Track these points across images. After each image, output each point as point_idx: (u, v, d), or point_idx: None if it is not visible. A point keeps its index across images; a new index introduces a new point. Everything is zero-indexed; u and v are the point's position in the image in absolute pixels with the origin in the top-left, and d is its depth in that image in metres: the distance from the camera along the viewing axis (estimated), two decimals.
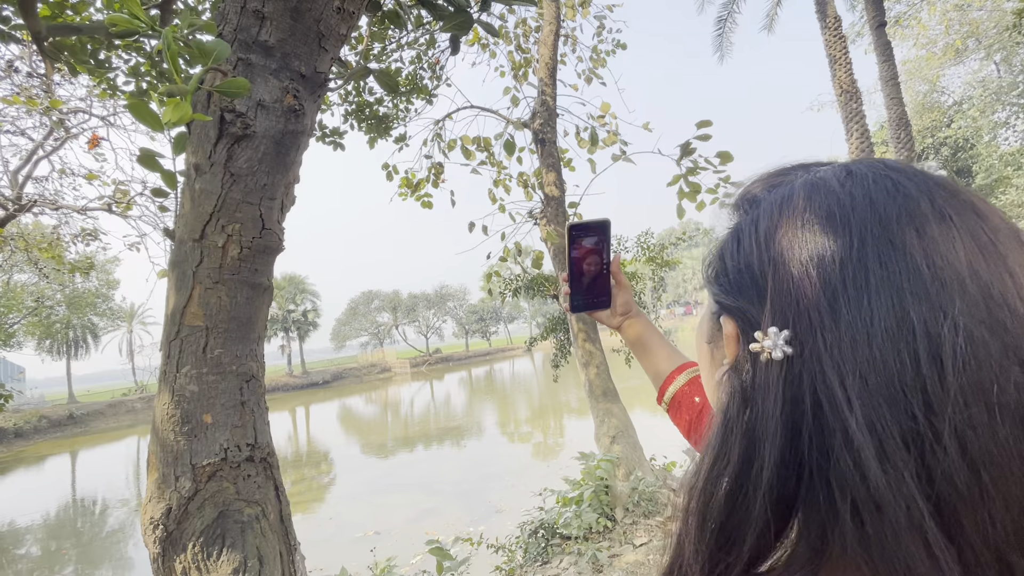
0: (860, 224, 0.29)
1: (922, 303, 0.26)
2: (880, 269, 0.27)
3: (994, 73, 15.26)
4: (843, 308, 0.27)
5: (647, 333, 0.88)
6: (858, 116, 7.82)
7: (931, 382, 0.25)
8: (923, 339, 0.25)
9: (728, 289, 0.35)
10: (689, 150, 4.44)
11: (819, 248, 0.29)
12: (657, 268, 7.58)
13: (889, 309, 0.26)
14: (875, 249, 0.27)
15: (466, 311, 59.53)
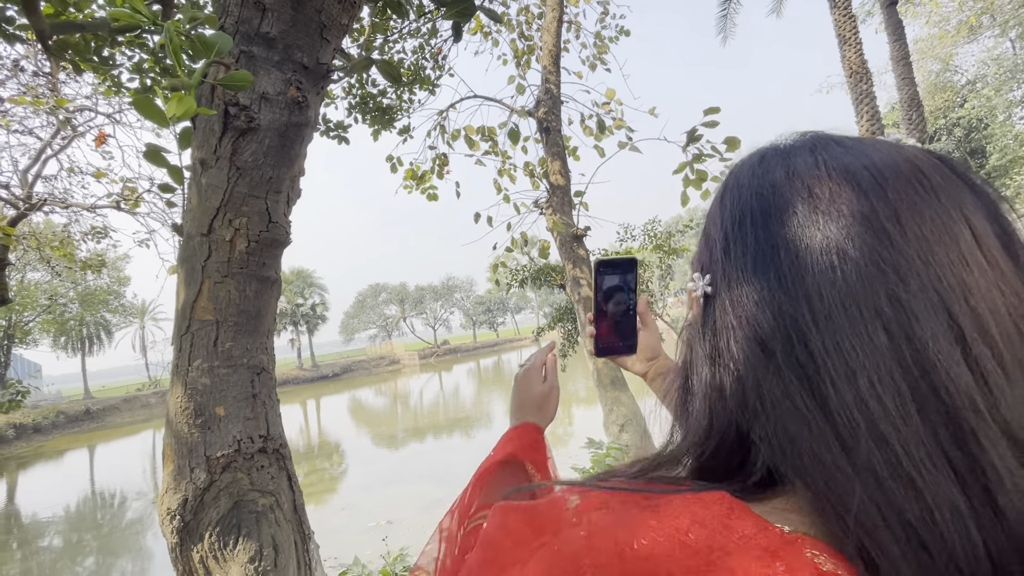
0: (743, 204, 0.37)
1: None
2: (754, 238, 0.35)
3: (1009, 50, 14.89)
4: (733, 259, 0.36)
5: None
6: (868, 97, 7.68)
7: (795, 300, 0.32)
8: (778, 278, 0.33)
9: (701, 257, 0.44)
10: (696, 137, 4.38)
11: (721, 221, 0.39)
12: (664, 256, 7.54)
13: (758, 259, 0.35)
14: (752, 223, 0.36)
15: (473, 302, 59.72)
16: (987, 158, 17.18)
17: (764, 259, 0.34)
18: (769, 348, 0.32)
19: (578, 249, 5.64)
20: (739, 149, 4.39)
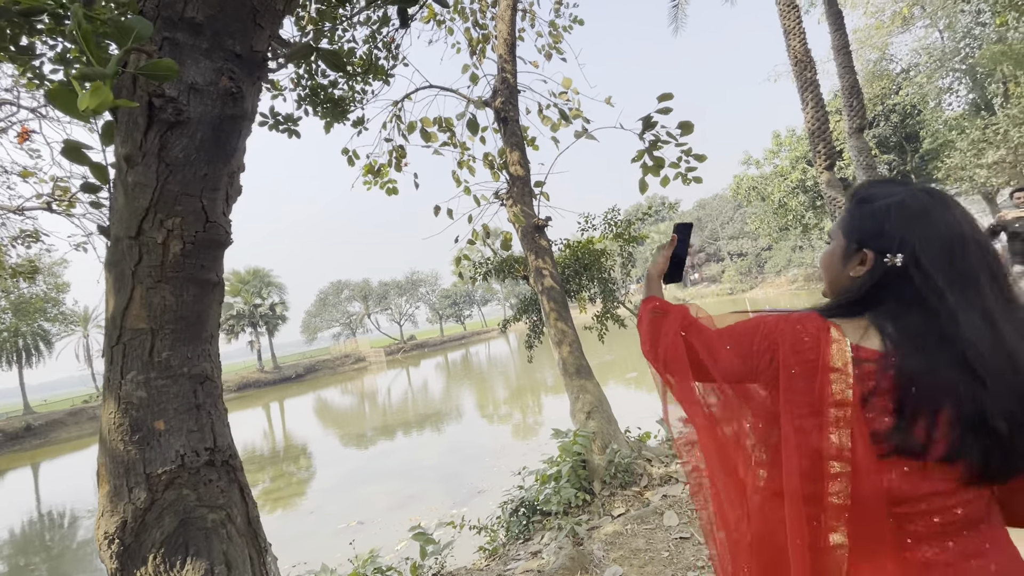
0: (926, 214, 0.81)
1: (939, 248, 0.79)
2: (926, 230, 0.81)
3: (938, 40, 15.80)
4: (926, 245, 0.80)
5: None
6: (812, 85, 7.98)
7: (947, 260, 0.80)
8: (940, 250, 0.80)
9: (871, 239, 0.84)
10: (651, 123, 4.44)
11: (914, 222, 0.81)
12: (625, 244, 7.65)
13: (931, 247, 0.79)
14: (925, 225, 0.81)
15: (439, 296, 59.20)
16: (921, 143, 18.25)
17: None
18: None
19: (540, 240, 5.65)
20: (692, 133, 4.49)
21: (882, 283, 0.82)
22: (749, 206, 28.61)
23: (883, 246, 0.82)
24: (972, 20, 13.16)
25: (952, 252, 0.79)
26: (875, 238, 0.84)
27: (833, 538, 0.80)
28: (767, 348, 0.86)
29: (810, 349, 0.81)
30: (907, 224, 0.82)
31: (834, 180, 7.94)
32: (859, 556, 0.79)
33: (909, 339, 0.77)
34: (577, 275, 7.72)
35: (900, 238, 0.81)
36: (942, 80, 17.02)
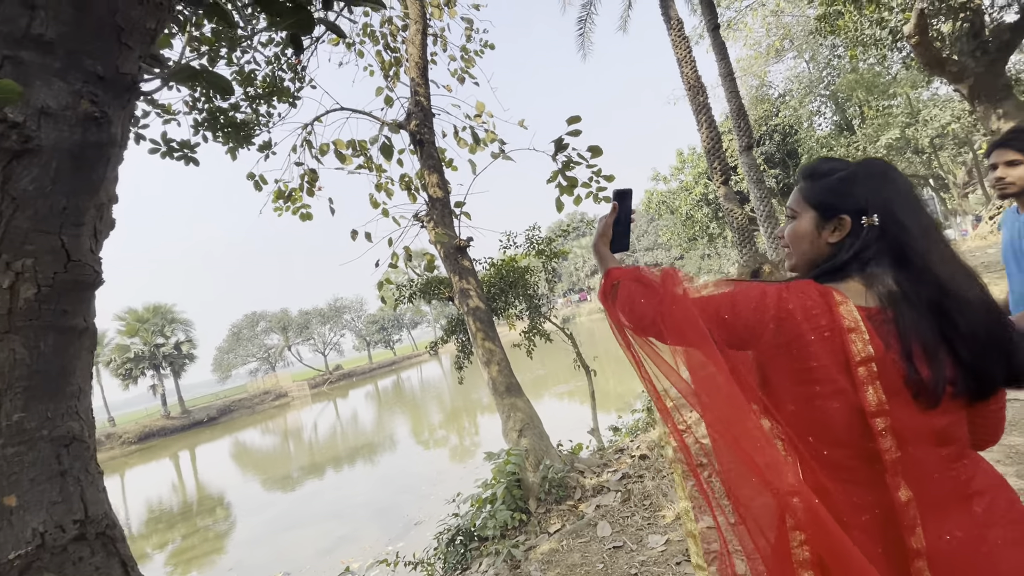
0: (886, 176, 0.91)
1: (904, 202, 0.90)
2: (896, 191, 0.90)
3: (806, 70, 18.04)
4: (896, 204, 0.89)
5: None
6: (705, 108, 8.73)
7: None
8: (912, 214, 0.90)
9: (845, 204, 0.91)
10: (562, 146, 4.62)
11: (878, 184, 0.90)
12: (547, 260, 7.83)
13: (899, 203, 0.89)
14: (889, 186, 0.90)
15: (365, 322, 57.09)
16: (799, 158, 20.63)
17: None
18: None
19: (462, 260, 5.63)
20: (602, 156, 4.73)
21: (864, 243, 0.88)
22: (660, 219, 30.55)
23: (858, 208, 0.89)
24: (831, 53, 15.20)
25: (915, 206, 0.89)
26: (848, 203, 0.90)
27: (901, 495, 0.81)
28: (772, 317, 0.85)
29: (822, 314, 0.83)
30: (875, 186, 0.89)
31: (730, 193, 8.70)
32: (925, 507, 0.82)
33: (901, 292, 0.84)
34: (503, 293, 7.78)
35: (872, 199, 0.88)
36: (812, 104, 19.41)
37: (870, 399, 0.82)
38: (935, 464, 0.83)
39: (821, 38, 10.65)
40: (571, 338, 7.93)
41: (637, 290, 0.99)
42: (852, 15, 6.58)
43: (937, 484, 0.83)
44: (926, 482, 0.83)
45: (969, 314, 0.83)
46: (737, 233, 8.73)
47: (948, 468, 0.84)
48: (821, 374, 0.85)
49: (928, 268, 0.85)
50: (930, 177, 20.78)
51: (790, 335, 0.85)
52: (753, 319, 0.87)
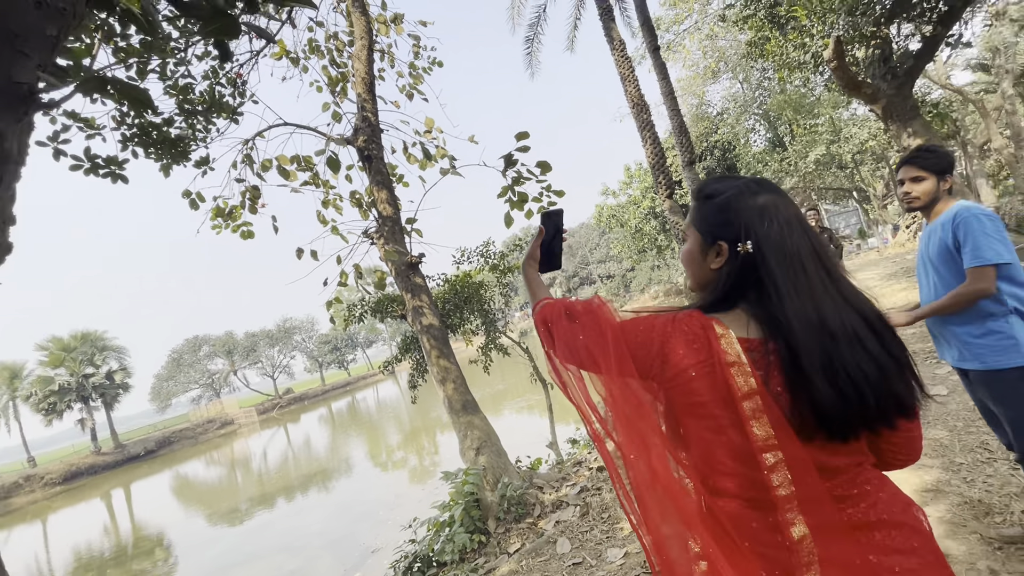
0: (760, 202, 0.87)
1: (774, 223, 0.86)
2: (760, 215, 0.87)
3: (740, 90, 19.19)
4: (763, 230, 0.85)
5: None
6: (649, 126, 9.09)
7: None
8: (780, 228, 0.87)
9: (722, 230, 0.88)
10: (512, 161, 4.67)
11: (752, 210, 0.87)
12: (501, 275, 7.84)
13: (775, 230, 0.85)
14: (760, 212, 0.86)
15: (317, 342, 55.15)
16: (739, 171, 21.81)
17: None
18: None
19: (415, 277, 5.55)
20: (551, 171, 4.80)
21: (742, 271, 0.86)
22: (611, 232, 31.39)
23: (734, 235, 0.87)
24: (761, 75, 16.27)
25: (783, 233, 0.85)
26: (725, 229, 0.88)
27: (795, 531, 0.80)
28: (657, 352, 0.85)
29: (702, 348, 0.83)
30: (748, 212, 0.87)
31: (675, 207, 9.04)
32: (822, 542, 0.79)
33: (778, 322, 0.82)
34: (458, 309, 7.71)
35: (748, 226, 0.86)
36: (747, 122, 20.64)
37: (757, 434, 0.80)
38: (828, 498, 0.81)
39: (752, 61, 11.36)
40: (528, 352, 7.93)
41: (563, 322, 1.00)
42: (778, 40, 7.07)
43: (833, 517, 0.81)
44: (821, 516, 0.81)
45: (846, 347, 0.80)
46: (682, 245, 9.06)
47: (842, 500, 0.82)
48: (707, 410, 0.84)
49: (805, 298, 0.82)
50: (853, 190, 22.45)
51: (676, 369, 0.85)
52: (642, 353, 0.87)
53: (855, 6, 5.97)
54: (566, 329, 0.98)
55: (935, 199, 1.98)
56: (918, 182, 1.98)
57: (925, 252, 2.06)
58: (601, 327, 0.92)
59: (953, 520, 2.32)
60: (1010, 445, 1.99)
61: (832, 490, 0.82)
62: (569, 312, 1.00)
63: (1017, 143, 13.34)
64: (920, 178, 1.97)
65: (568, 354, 0.98)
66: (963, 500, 2.43)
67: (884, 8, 6.28)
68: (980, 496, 2.43)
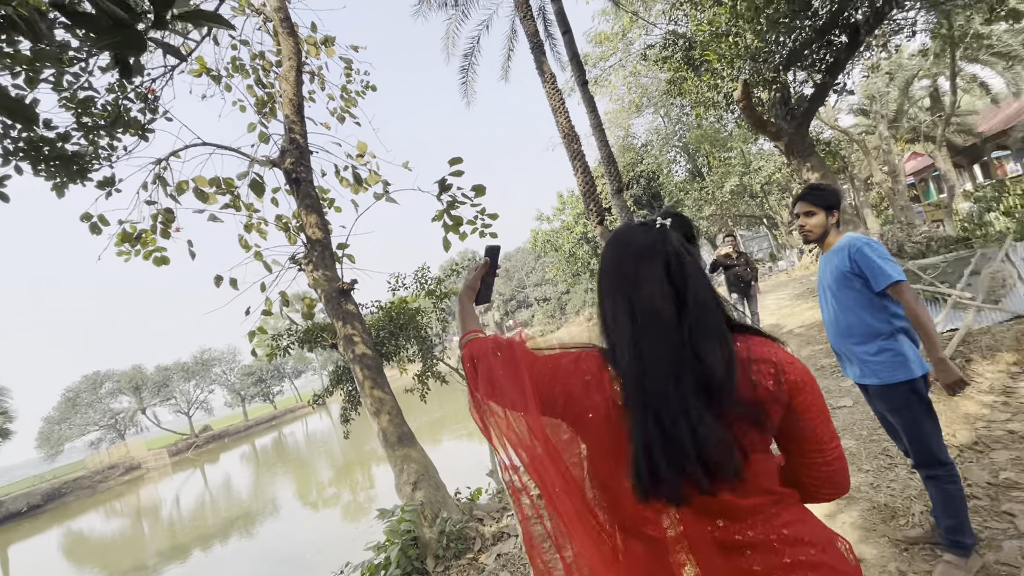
0: (609, 253, 0.92)
1: (611, 278, 0.90)
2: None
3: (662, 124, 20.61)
4: (603, 279, 0.91)
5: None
6: (579, 155, 9.47)
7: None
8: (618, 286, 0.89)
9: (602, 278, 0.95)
10: (446, 186, 4.67)
11: (605, 260, 0.93)
12: (438, 300, 7.73)
13: (606, 279, 0.91)
14: (608, 261, 0.92)
15: (239, 374, 51.33)
16: (663, 201, 23.20)
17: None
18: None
19: (346, 304, 5.33)
20: (485, 195, 4.84)
21: (601, 321, 0.89)
22: (546, 256, 32.12)
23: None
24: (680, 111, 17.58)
25: (621, 281, 0.87)
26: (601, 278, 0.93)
27: (686, 572, 0.80)
28: (561, 391, 0.86)
29: (596, 390, 0.83)
30: (604, 261, 0.92)
31: (606, 233, 9.41)
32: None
33: (623, 376, 0.83)
34: (393, 336, 7.48)
35: (601, 274, 0.92)
36: (669, 154, 22.14)
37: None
38: (715, 539, 0.80)
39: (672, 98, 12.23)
40: (465, 378, 7.81)
41: (489, 359, 0.98)
42: (694, 81, 7.68)
43: (720, 560, 0.79)
44: (710, 559, 0.80)
45: (668, 411, 0.77)
46: None
47: (748, 546, 0.80)
48: (605, 450, 0.84)
49: (633, 353, 0.81)
50: (764, 217, 24.54)
51: (576, 409, 0.85)
52: (547, 392, 0.88)
53: (757, 54, 6.62)
54: (490, 365, 0.97)
55: (826, 231, 2.18)
56: (810, 216, 2.19)
57: (824, 279, 2.25)
58: (517, 364, 0.92)
59: (864, 525, 2.49)
60: (907, 452, 2.18)
61: (739, 532, 0.80)
62: (496, 348, 0.99)
63: (893, 178, 15.25)
64: (812, 212, 2.18)
65: (489, 390, 0.96)
66: (872, 505, 2.63)
67: (782, 57, 7.01)
68: (886, 500, 2.64)
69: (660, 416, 0.77)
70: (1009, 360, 4.02)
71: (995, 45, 14.42)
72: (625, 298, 0.85)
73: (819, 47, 7.25)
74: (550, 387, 0.88)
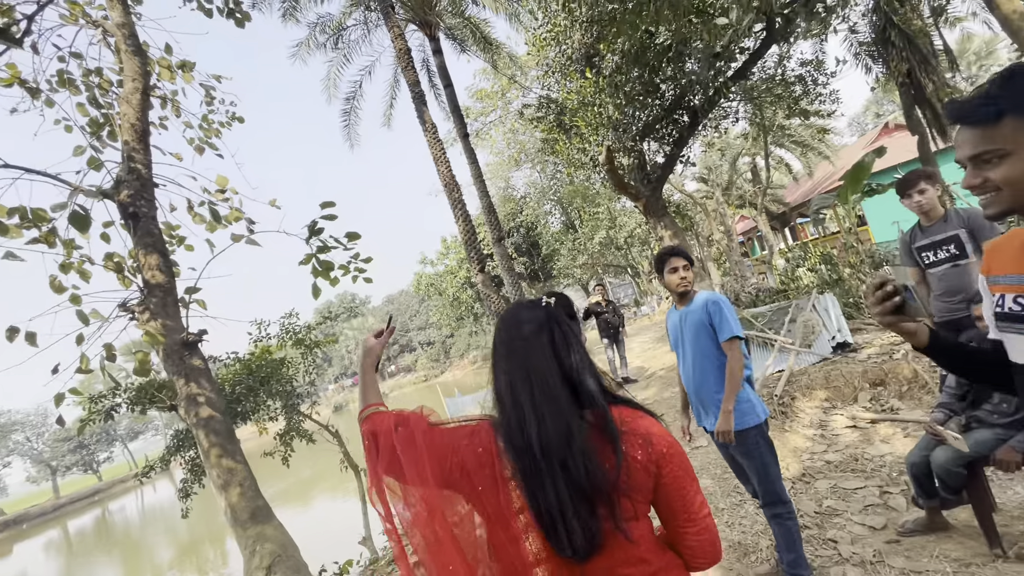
0: (501, 325, 1.03)
1: (502, 350, 0.99)
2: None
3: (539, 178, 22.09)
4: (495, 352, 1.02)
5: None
6: (460, 204, 9.65)
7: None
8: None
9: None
10: (317, 230, 4.38)
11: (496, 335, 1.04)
12: (308, 350, 7.10)
13: (498, 350, 1.01)
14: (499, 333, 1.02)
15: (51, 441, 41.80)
16: (541, 249, 24.53)
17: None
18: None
19: (191, 359, 4.60)
20: (360, 240, 4.63)
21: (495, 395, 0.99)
22: (430, 300, 31.76)
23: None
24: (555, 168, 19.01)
25: (510, 352, 0.98)
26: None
27: None
28: (457, 464, 0.92)
29: (486, 464, 0.89)
30: (496, 338, 1.02)
31: (487, 279, 9.57)
32: None
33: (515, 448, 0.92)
34: (252, 392, 6.64)
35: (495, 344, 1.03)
36: (545, 206, 23.64)
37: (529, 549, 0.85)
38: None
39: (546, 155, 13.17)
40: (337, 435, 7.16)
41: (391, 436, 1.00)
42: (564, 143, 8.36)
43: None
44: None
45: (553, 476, 0.83)
46: (495, 316, 9.58)
47: None
48: (494, 521, 0.88)
49: (523, 425, 0.88)
50: (628, 266, 27.11)
51: (471, 481, 0.90)
52: (445, 465, 0.93)
53: (618, 124, 7.45)
54: (390, 443, 0.99)
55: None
56: (687, 270, 2.41)
57: (680, 331, 2.46)
58: (415, 441, 0.96)
59: (723, 565, 2.66)
60: (755, 493, 2.39)
61: None
62: (397, 423, 1.02)
63: (728, 237, 17.94)
64: (688, 267, 2.42)
65: (388, 466, 0.98)
66: (728, 544, 2.82)
67: (638, 129, 7.98)
68: (739, 538, 2.86)
69: (546, 485, 0.84)
70: (822, 396, 4.75)
71: (794, 135, 18.07)
72: (521, 367, 0.93)
73: (667, 123, 8.39)
74: (448, 461, 0.93)
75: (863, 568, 2.41)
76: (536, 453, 0.85)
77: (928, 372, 4.51)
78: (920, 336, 1.06)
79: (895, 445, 3.69)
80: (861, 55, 10.54)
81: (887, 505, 2.96)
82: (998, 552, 2.26)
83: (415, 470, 0.93)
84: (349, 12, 12.54)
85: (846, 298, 7.65)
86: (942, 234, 2.93)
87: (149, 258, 4.82)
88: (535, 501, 0.83)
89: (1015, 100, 0.84)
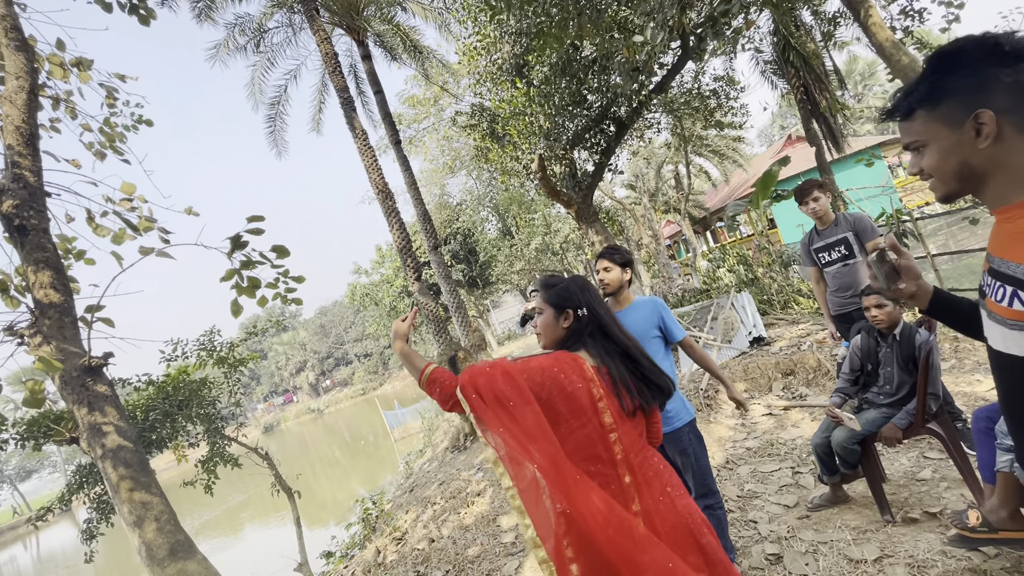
0: (589, 286, 1.62)
1: (598, 300, 1.62)
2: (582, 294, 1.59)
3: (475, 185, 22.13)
4: (592, 302, 1.59)
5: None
6: (394, 212, 9.47)
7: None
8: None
9: (568, 303, 1.55)
10: (241, 244, 4.12)
11: (579, 292, 1.59)
12: (231, 369, 6.67)
13: (595, 301, 1.60)
14: (589, 291, 1.60)
15: None
16: (479, 255, 24.53)
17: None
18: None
19: (95, 385, 4.15)
20: (288, 256, 4.42)
21: (582, 326, 1.52)
22: (366, 311, 30.78)
23: (575, 305, 1.53)
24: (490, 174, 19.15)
25: (603, 302, 1.59)
26: (570, 302, 1.54)
27: (626, 479, 1.35)
28: (550, 379, 1.35)
29: (577, 374, 1.38)
30: (581, 291, 1.56)
31: (423, 288, 9.45)
32: (638, 484, 1.36)
33: (605, 353, 1.49)
34: (168, 417, 6.13)
35: (580, 299, 1.54)
36: (482, 213, 23.70)
37: (606, 421, 1.37)
38: (638, 457, 1.40)
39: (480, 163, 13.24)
40: (267, 458, 6.75)
41: (487, 375, 1.35)
42: (498, 151, 8.46)
43: (642, 470, 1.39)
44: (637, 469, 1.37)
45: (639, 360, 1.51)
46: (433, 324, 9.45)
47: (644, 459, 1.41)
48: (580, 410, 1.35)
49: (617, 337, 1.52)
50: (564, 271, 27.76)
51: (559, 390, 1.35)
52: (538, 381, 1.35)
53: (549, 133, 7.65)
54: (491, 377, 1.34)
55: (621, 286, 2.52)
56: (609, 271, 2.51)
57: None
58: (511, 374, 1.34)
59: None
60: (689, 489, 2.53)
61: (641, 453, 1.43)
62: (488, 366, 1.39)
63: (656, 241, 18.87)
64: (610, 268, 2.51)
65: (496, 409, 1.31)
66: None
67: (568, 138, 8.22)
68: None
69: (637, 360, 1.54)
70: (741, 388, 5.11)
71: (711, 144, 19.36)
72: (604, 310, 1.60)
73: (595, 133, 8.72)
74: (540, 378, 1.35)
75: (779, 544, 2.62)
76: (616, 339, 1.53)
77: (829, 361, 4.98)
78: (923, 297, 1.13)
79: (804, 428, 4.05)
80: (767, 73, 11.55)
81: (799, 484, 3.24)
82: (888, 518, 2.55)
83: (517, 393, 1.30)
84: (271, 13, 11.99)
85: (760, 296, 8.30)
86: (834, 236, 3.28)
87: (41, 275, 4.33)
88: (610, 373, 1.46)
89: (923, 96, 0.93)
